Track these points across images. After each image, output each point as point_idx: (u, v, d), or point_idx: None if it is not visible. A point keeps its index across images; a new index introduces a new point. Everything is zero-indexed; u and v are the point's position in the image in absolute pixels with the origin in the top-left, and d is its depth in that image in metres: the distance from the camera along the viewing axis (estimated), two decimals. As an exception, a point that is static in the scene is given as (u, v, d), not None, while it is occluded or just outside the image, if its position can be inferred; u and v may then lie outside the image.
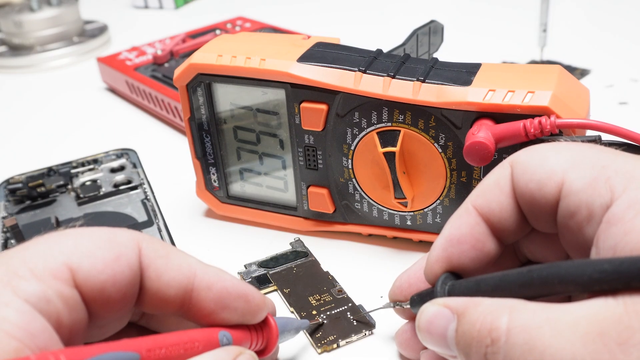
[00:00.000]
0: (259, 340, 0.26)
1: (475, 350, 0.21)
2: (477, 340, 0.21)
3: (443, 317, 0.23)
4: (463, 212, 0.25)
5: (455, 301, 0.23)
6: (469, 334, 0.21)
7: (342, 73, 0.34)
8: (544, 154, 0.23)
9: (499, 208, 0.24)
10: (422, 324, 0.24)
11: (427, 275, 0.26)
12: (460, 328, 0.22)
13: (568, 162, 0.23)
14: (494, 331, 0.20)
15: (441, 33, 0.44)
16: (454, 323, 0.22)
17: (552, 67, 0.32)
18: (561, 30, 0.66)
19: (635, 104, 0.52)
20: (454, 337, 0.22)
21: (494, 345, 0.20)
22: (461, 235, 0.25)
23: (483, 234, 0.25)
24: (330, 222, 0.38)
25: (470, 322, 0.22)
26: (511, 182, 0.24)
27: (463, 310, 0.22)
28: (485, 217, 0.25)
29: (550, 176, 0.23)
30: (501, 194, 0.24)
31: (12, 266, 0.21)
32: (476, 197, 0.25)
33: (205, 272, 0.24)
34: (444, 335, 0.23)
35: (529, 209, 0.24)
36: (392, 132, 0.34)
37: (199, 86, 0.37)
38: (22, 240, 0.38)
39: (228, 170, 0.40)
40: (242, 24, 0.69)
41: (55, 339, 0.20)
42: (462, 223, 0.25)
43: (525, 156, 0.24)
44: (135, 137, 0.53)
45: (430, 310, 0.24)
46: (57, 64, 0.71)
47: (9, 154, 0.53)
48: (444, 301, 0.23)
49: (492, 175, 0.25)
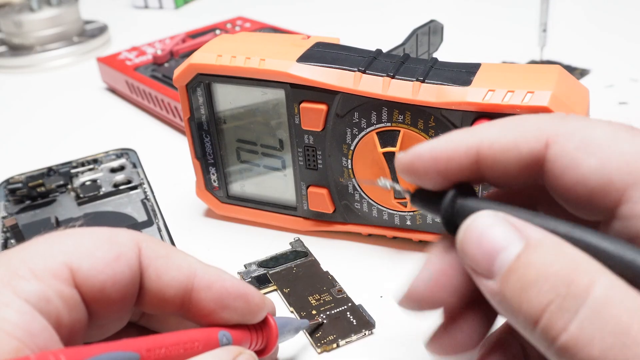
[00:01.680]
0: (259, 340, 0.26)
1: (538, 292, 0.18)
2: (547, 283, 0.17)
3: (505, 235, 0.19)
4: (464, 148, 0.22)
5: (528, 227, 0.19)
6: (536, 271, 0.18)
7: (341, 73, 0.34)
8: (599, 151, 0.20)
9: (502, 170, 0.21)
10: (473, 231, 0.20)
11: (402, 166, 0.22)
12: (527, 258, 0.18)
13: (631, 173, 0.19)
14: (576, 286, 0.17)
15: (441, 33, 0.44)
16: (517, 247, 0.19)
17: (551, 67, 0.32)
18: (561, 30, 0.66)
19: (635, 104, 0.52)
20: (511, 262, 0.18)
21: (568, 300, 0.17)
22: (447, 168, 0.22)
23: (471, 177, 0.22)
24: (330, 222, 0.38)
25: (545, 259, 0.18)
26: (536, 161, 0.21)
27: (538, 242, 0.19)
28: (483, 164, 0.22)
29: (607, 188, 0.19)
30: (514, 163, 0.21)
31: (12, 266, 0.21)
32: (487, 146, 0.21)
33: (205, 272, 0.24)
34: (495, 254, 0.19)
35: (567, 201, 0.21)
36: (391, 132, 0.34)
37: (198, 86, 0.37)
38: (22, 240, 0.38)
39: (228, 170, 0.40)
40: (242, 24, 0.69)
41: (55, 338, 0.20)
42: (454, 157, 0.22)
43: (576, 147, 0.20)
44: (135, 137, 0.53)
45: (490, 220, 0.20)
46: (57, 64, 0.71)
47: (9, 154, 0.53)
48: (514, 220, 0.19)
49: (517, 134, 0.21)
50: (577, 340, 0.17)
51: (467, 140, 0.22)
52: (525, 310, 0.18)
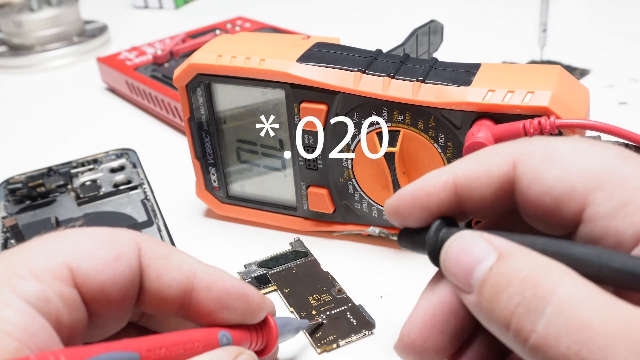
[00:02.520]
0: (259, 340, 0.26)
1: (508, 297, 0.19)
2: (514, 288, 0.18)
3: (480, 250, 0.20)
4: (441, 182, 0.23)
5: (500, 240, 0.20)
6: (506, 278, 0.19)
7: (341, 73, 0.34)
8: (563, 164, 0.21)
9: (479, 198, 0.22)
10: (453, 249, 0.21)
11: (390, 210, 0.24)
12: (499, 268, 0.19)
13: (593, 179, 0.20)
14: (540, 288, 0.18)
15: (441, 33, 0.44)
16: (490, 260, 0.20)
17: (551, 67, 0.32)
18: (561, 30, 0.66)
19: (635, 104, 0.52)
20: (484, 273, 0.20)
21: (534, 301, 0.18)
22: (428, 204, 0.23)
23: (453, 210, 0.23)
24: (330, 222, 0.38)
25: (514, 267, 0.19)
26: (508, 182, 0.22)
27: (508, 253, 0.20)
28: (461, 196, 0.23)
29: (570, 195, 0.20)
30: (488, 188, 0.22)
31: (12, 266, 0.21)
32: (462, 176, 0.23)
33: (205, 272, 0.24)
34: (472, 268, 0.20)
35: (536, 218, 0.22)
36: (391, 132, 0.34)
37: (198, 86, 0.37)
38: (22, 240, 0.38)
39: (228, 170, 0.40)
40: (242, 24, 0.69)
41: (55, 339, 0.20)
42: (434, 192, 0.23)
43: (540, 161, 0.21)
44: (135, 137, 0.53)
45: (468, 238, 0.21)
46: (57, 64, 0.71)
47: (9, 154, 0.53)
48: (487, 236, 0.21)
49: (486, 160, 0.23)
50: (545, 339, 0.18)
51: (443, 175, 0.23)
52: (497, 315, 0.19)
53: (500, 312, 0.19)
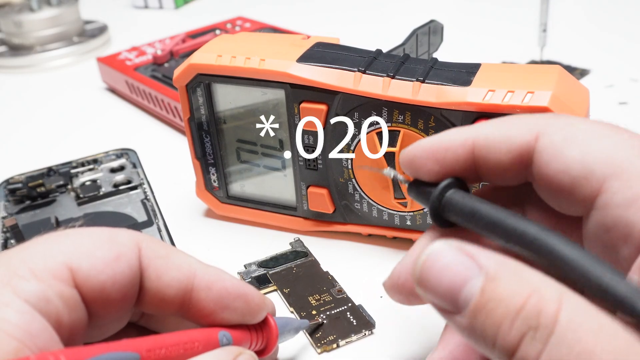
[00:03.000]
0: (259, 340, 0.26)
1: (511, 326, 0.18)
2: (518, 317, 0.18)
3: (464, 268, 0.19)
4: (461, 140, 0.23)
5: (484, 255, 0.19)
6: (506, 305, 0.18)
7: (341, 73, 0.34)
8: (583, 143, 0.21)
9: (496, 163, 0.22)
10: (431, 264, 0.19)
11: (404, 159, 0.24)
12: (492, 293, 0.18)
13: (612, 166, 0.20)
14: (544, 316, 0.17)
15: (441, 33, 0.44)
16: (478, 280, 0.18)
17: (551, 67, 0.32)
18: (561, 30, 0.66)
19: (635, 104, 0.52)
20: (477, 297, 0.18)
21: (540, 330, 0.17)
22: (444, 159, 0.23)
23: (468, 169, 0.23)
24: (330, 222, 0.38)
25: (509, 291, 0.18)
26: (527, 153, 0.22)
27: (496, 272, 0.18)
28: (478, 158, 0.23)
29: (588, 177, 0.20)
30: (506, 155, 0.22)
31: (12, 266, 0.21)
32: (483, 138, 0.22)
33: (205, 272, 0.24)
34: (458, 289, 0.19)
35: (550, 194, 0.22)
36: (391, 133, 0.34)
37: (198, 86, 0.37)
38: (22, 240, 0.38)
39: (228, 170, 0.40)
40: (242, 24, 0.69)
41: (55, 339, 0.20)
42: (452, 148, 0.23)
43: (562, 138, 0.21)
44: (135, 137, 0.53)
45: (448, 252, 0.19)
46: (57, 64, 0.71)
47: (9, 154, 0.53)
48: (468, 249, 0.19)
49: (509, 127, 0.22)
50: None
51: (464, 133, 0.23)
52: (500, 344, 0.18)
53: (505, 341, 0.18)
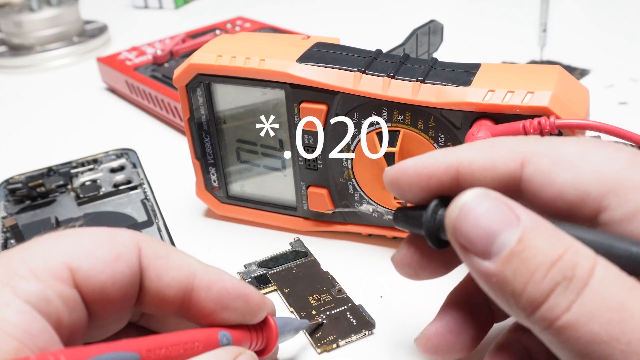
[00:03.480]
0: (259, 340, 0.26)
1: (545, 274, 0.18)
2: (555, 266, 0.18)
3: (503, 217, 0.19)
4: (445, 165, 0.22)
5: (524, 210, 0.19)
6: (544, 254, 0.18)
7: (341, 73, 0.34)
8: (575, 169, 0.20)
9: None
10: (470, 209, 0.20)
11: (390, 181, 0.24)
12: (531, 241, 0.18)
13: (606, 183, 0.20)
14: (580, 268, 0.18)
15: (441, 33, 0.44)
16: (516, 230, 0.19)
17: (551, 67, 0.32)
18: (561, 30, 0.66)
19: (635, 104, 0.52)
20: (513, 244, 0.19)
21: (575, 282, 0.18)
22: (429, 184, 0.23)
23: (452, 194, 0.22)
24: (330, 222, 0.38)
25: (548, 243, 0.18)
26: (513, 180, 0.22)
27: (537, 226, 0.19)
28: (463, 184, 0.22)
29: (584, 199, 0.20)
30: (491, 182, 0.22)
31: (12, 266, 0.21)
32: (467, 165, 0.22)
33: (205, 272, 0.24)
34: (495, 235, 0.19)
35: (548, 216, 0.21)
36: (391, 133, 0.34)
37: (198, 86, 0.37)
38: (22, 240, 0.38)
39: (228, 170, 0.40)
40: (242, 24, 0.69)
41: (55, 339, 0.20)
42: (435, 174, 0.23)
43: (550, 164, 0.21)
44: (135, 137, 0.53)
45: (485, 200, 0.20)
46: (57, 64, 0.71)
47: (9, 154, 0.53)
48: (507, 201, 0.19)
49: (494, 154, 0.22)
50: (577, 318, 0.18)
51: (447, 158, 0.23)
52: (529, 292, 0.18)
53: (535, 289, 0.18)
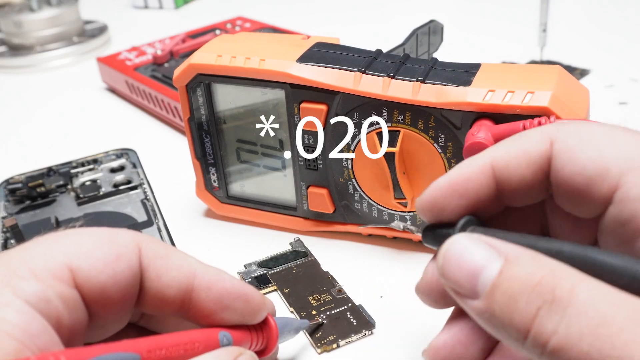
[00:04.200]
0: (259, 341, 0.26)
1: (527, 301, 0.18)
2: (534, 292, 0.18)
3: (484, 255, 0.20)
4: (479, 167, 0.23)
5: (505, 245, 0.20)
6: (522, 283, 0.19)
7: (341, 73, 0.34)
8: (597, 144, 0.21)
9: (518, 180, 0.22)
10: (453, 253, 0.21)
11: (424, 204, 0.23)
12: (509, 273, 0.19)
13: (627, 160, 0.20)
14: (559, 290, 0.18)
15: (441, 33, 0.44)
16: (497, 264, 0.19)
17: (551, 68, 0.32)
18: (561, 30, 0.66)
19: (635, 104, 0.52)
20: (494, 278, 0.19)
21: (555, 304, 0.18)
22: (467, 190, 0.23)
23: (490, 197, 0.23)
24: (330, 222, 0.38)
25: (526, 271, 0.19)
26: (546, 162, 0.22)
27: (516, 257, 0.19)
28: (500, 181, 0.23)
29: (603, 176, 0.20)
30: (527, 168, 0.22)
31: (12, 266, 0.21)
32: (500, 158, 0.23)
33: (205, 272, 0.24)
34: (477, 273, 0.20)
35: (569, 200, 0.22)
36: (391, 133, 0.34)
37: (198, 86, 0.37)
38: (22, 240, 0.38)
39: (228, 170, 0.40)
40: (242, 24, 0.69)
41: (56, 339, 0.20)
42: (472, 177, 0.23)
43: (576, 141, 0.21)
44: (135, 137, 0.53)
45: (467, 243, 0.21)
46: (57, 64, 0.71)
47: (9, 154, 0.53)
48: (489, 240, 0.20)
49: (525, 142, 0.23)
50: (566, 339, 0.17)
51: (480, 158, 0.23)
52: (516, 321, 0.19)
53: (520, 317, 0.18)
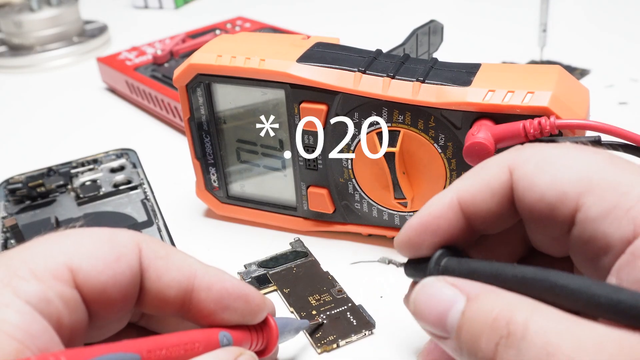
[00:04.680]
0: (259, 341, 0.26)
1: (487, 338, 0.19)
2: (491, 329, 0.19)
3: (448, 295, 0.21)
4: (446, 203, 0.24)
5: (466, 283, 0.21)
6: (482, 321, 0.20)
7: (341, 73, 0.34)
8: (554, 170, 0.22)
9: (486, 211, 0.23)
10: (421, 298, 0.22)
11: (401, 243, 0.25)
12: (470, 312, 0.20)
13: (583, 182, 0.21)
14: (512, 324, 0.19)
15: (441, 33, 0.44)
16: (460, 304, 0.21)
17: (551, 68, 0.32)
18: (561, 30, 0.66)
19: (635, 104, 0.52)
20: (459, 319, 0.21)
21: (509, 338, 0.19)
22: (438, 227, 0.24)
23: (462, 229, 0.24)
24: (330, 222, 0.38)
25: (484, 309, 0.20)
26: (507, 190, 0.23)
27: (476, 295, 0.21)
28: (468, 214, 0.23)
29: (562, 200, 0.21)
30: (492, 199, 0.23)
31: (13, 267, 0.21)
32: (464, 192, 0.23)
33: (205, 272, 0.25)
34: (444, 315, 0.21)
35: (535, 224, 0.23)
36: (391, 133, 0.34)
37: (198, 86, 0.37)
38: (22, 240, 0.38)
39: (228, 170, 0.40)
40: (242, 24, 0.69)
41: (56, 339, 0.20)
42: (441, 214, 0.24)
43: (532, 168, 0.22)
44: (135, 137, 0.53)
45: (434, 285, 0.22)
46: (57, 64, 0.71)
47: (9, 154, 0.53)
48: (452, 280, 0.22)
49: (485, 174, 0.23)
50: None
51: (446, 196, 0.24)
52: (480, 358, 0.20)
53: (483, 354, 0.20)
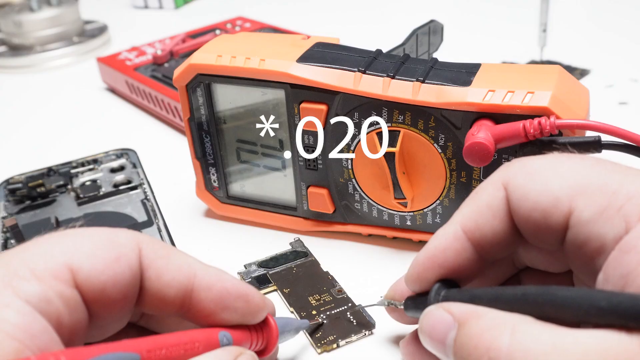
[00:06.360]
0: (259, 341, 0.26)
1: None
2: (477, 352, 0.20)
3: (445, 323, 0.22)
4: (451, 235, 0.24)
5: (459, 308, 0.22)
6: (466, 348, 0.21)
7: (341, 73, 0.34)
8: (545, 178, 0.22)
9: (491, 233, 0.23)
10: (425, 327, 0.23)
11: (410, 279, 0.25)
12: (459, 339, 0.21)
13: (574, 187, 0.21)
14: (493, 351, 0.20)
15: (441, 33, 0.44)
16: (454, 331, 0.22)
17: (551, 68, 0.32)
18: (561, 30, 0.66)
19: (635, 104, 0.52)
20: (452, 346, 0.22)
21: (495, 357, 0.19)
22: (446, 259, 0.24)
23: (470, 259, 0.24)
24: (330, 222, 0.38)
25: (469, 335, 0.21)
26: (506, 206, 0.23)
27: (464, 320, 0.21)
28: (474, 241, 0.24)
29: (555, 205, 0.21)
30: (494, 219, 0.23)
31: (13, 266, 0.21)
32: (467, 219, 0.24)
33: (205, 272, 0.25)
34: (444, 342, 0.22)
35: (532, 234, 0.23)
36: (391, 133, 0.34)
37: (198, 86, 0.37)
38: (22, 240, 0.38)
39: (228, 170, 0.40)
40: (242, 24, 0.69)
41: (56, 339, 0.20)
42: (448, 246, 0.24)
43: (523, 179, 0.23)
44: (135, 137, 0.53)
45: (435, 314, 0.23)
46: (57, 64, 0.71)
47: (9, 154, 0.53)
48: (448, 306, 0.23)
49: (483, 196, 0.24)
50: None
51: (450, 228, 0.24)
52: None
53: None
